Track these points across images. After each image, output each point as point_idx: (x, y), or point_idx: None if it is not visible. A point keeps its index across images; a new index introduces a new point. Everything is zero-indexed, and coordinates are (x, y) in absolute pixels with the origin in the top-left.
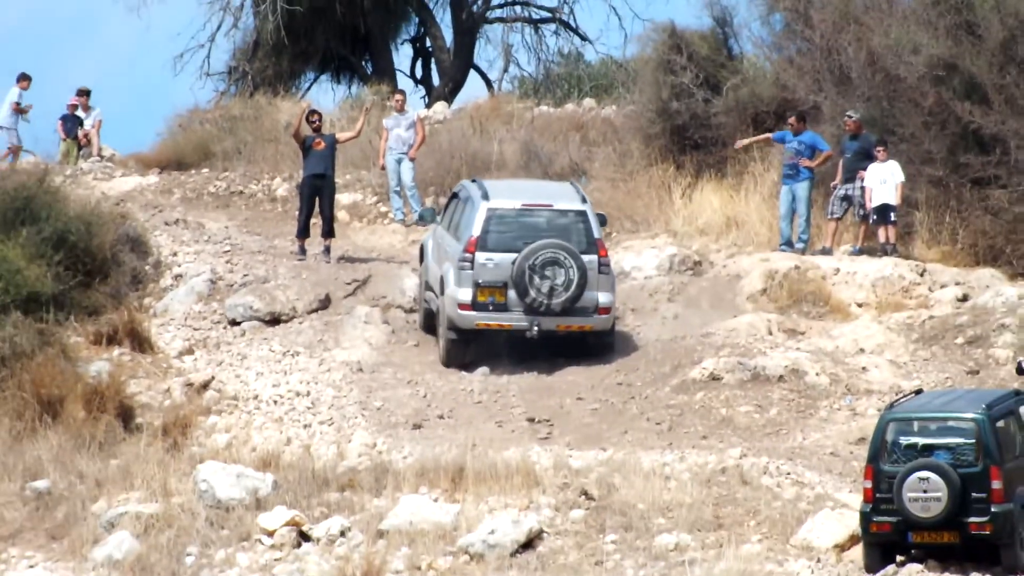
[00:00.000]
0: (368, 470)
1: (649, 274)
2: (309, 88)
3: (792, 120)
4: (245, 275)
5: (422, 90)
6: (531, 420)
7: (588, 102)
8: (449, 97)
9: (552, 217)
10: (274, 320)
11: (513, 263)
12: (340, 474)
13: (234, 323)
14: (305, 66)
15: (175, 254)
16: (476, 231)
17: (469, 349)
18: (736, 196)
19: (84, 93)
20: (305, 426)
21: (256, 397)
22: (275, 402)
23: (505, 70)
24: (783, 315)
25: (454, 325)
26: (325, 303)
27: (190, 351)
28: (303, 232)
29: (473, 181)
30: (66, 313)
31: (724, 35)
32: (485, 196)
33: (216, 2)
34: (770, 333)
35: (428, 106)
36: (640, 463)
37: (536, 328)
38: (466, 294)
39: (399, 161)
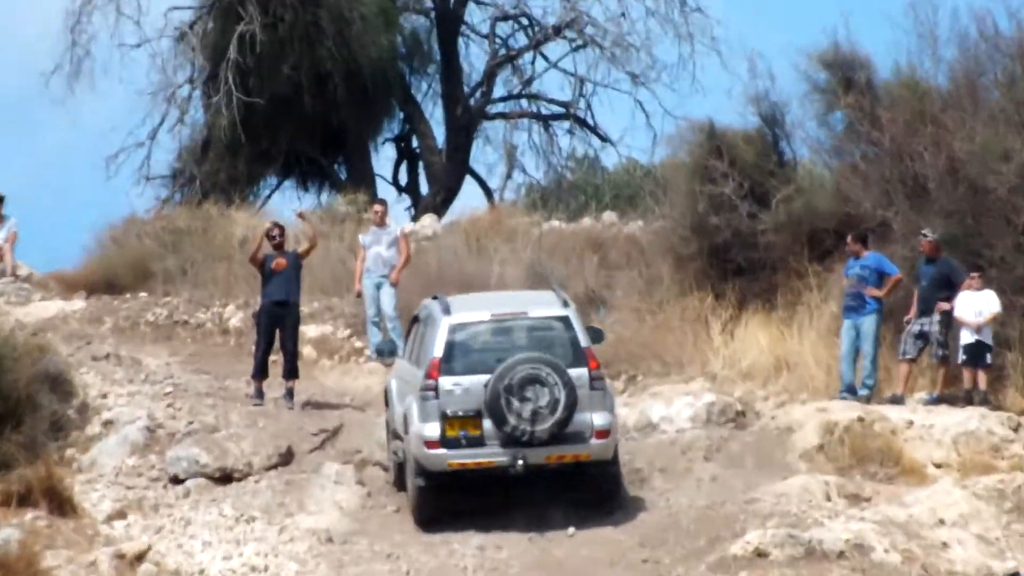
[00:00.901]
0: None
1: (682, 427)
2: (270, 196)
3: (851, 241)
4: (190, 422)
5: (407, 199)
6: None
7: (608, 216)
8: (440, 208)
9: (528, 327)
10: (225, 478)
11: (486, 386)
12: None
13: (176, 481)
14: (265, 169)
15: (105, 396)
16: (438, 351)
17: (444, 499)
18: (788, 332)
19: None
20: None
21: (202, 572)
22: None
23: (508, 176)
24: (844, 477)
25: (423, 469)
26: (287, 458)
27: (122, 515)
28: (260, 371)
29: (435, 298)
30: None
31: (774, 137)
32: (446, 311)
33: (159, 93)
34: (828, 499)
35: (415, 219)
36: None
37: (521, 463)
38: (433, 429)
39: (378, 286)
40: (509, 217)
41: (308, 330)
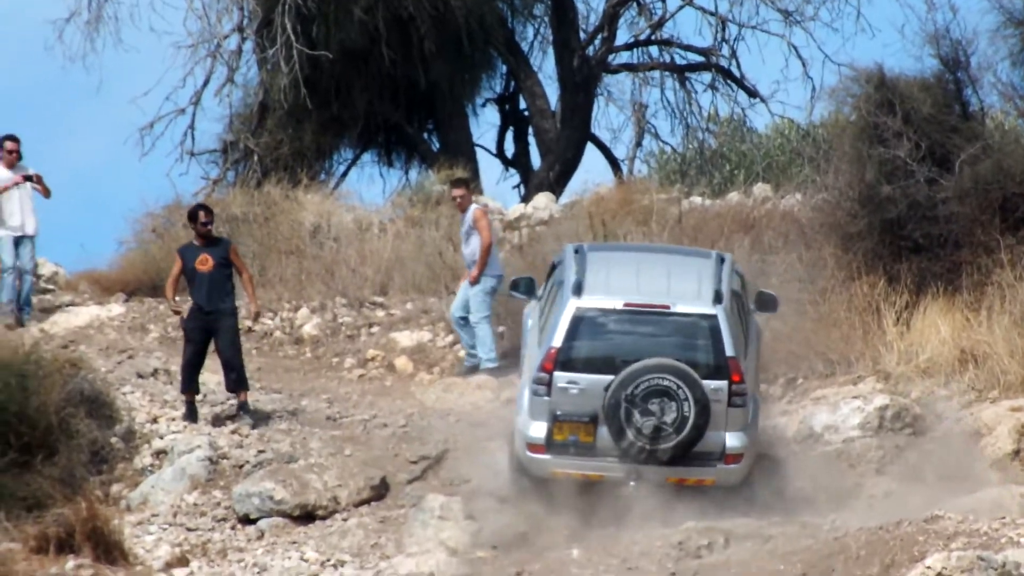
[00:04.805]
0: None
1: (849, 436)
2: (346, 172)
3: None
4: (261, 451)
5: (515, 175)
6: None
7: (760, 189)
8: (556, 185)
9: (669, 323)
10: (306, 516)
11: (606, 389)
12: None
13: (247, 520)
14: (338, 140)
15: (155, 420)
16: (557, 340)
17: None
18: (975, 319)
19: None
20: None
21: None
22: None
23: (637, 144)
24: None
25: (524, 470)
26: (381, 491)
27: (183, 561)
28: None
29: (577, 251)
30: None
31: (956, 83)
32: (577, 289)
33: (200, 46)
34: None
35: (524, 199)
36: None
37: (634, 483)
38: (539, 429)
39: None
40: (640, 194)
41: (401, 338)
